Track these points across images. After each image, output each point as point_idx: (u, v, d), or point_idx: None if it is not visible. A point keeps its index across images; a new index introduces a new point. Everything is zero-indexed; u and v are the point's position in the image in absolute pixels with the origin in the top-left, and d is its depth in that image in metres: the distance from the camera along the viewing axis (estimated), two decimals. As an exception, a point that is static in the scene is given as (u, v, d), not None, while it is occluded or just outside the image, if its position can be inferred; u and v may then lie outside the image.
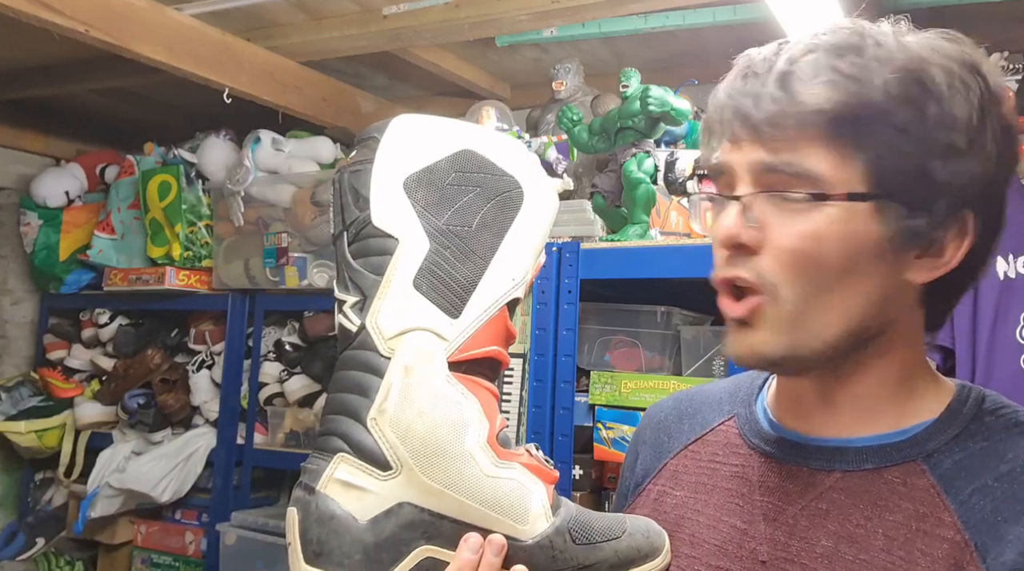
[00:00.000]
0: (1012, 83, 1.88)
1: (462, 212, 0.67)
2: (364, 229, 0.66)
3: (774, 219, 0.63)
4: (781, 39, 0.67)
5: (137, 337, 2.57)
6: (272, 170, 2.33)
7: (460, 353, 0.65)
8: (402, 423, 0.62)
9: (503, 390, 1.74)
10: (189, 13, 1.92)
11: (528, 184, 0.70)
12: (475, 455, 0.63)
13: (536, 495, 0.65)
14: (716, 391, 0.84)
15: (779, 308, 0.63)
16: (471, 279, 0.66)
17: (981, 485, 0.61)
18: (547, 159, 1.80)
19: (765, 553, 0.68)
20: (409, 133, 0.69)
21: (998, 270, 1.83)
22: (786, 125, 0.61)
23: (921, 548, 0.61)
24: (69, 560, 2.57)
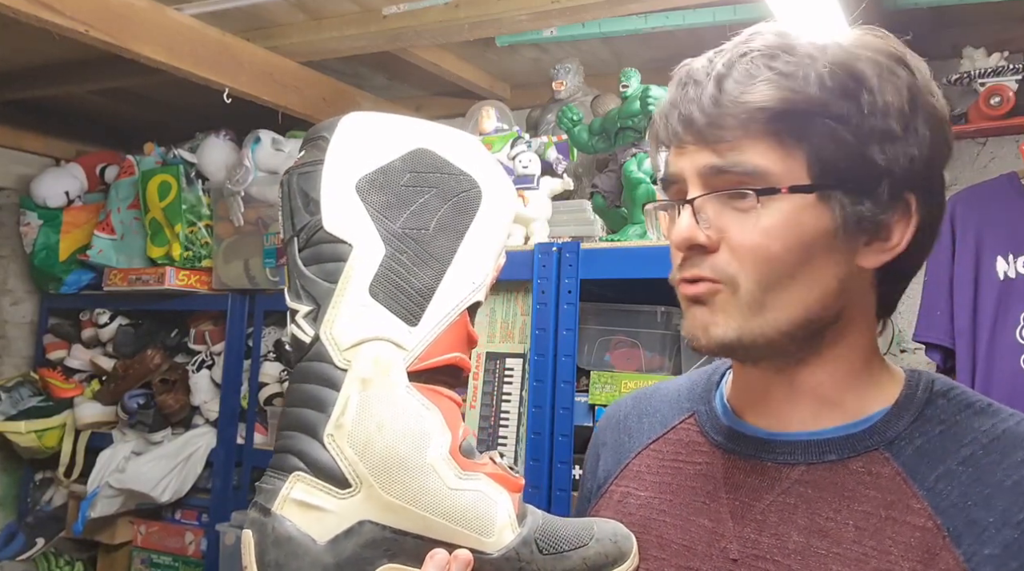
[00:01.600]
0: (1012, 83, 1.88)
1: (418, 214, 0.64)
2: (315, 234, 0.63)
3: (726, 218, 0.65)
4: (716, 47, 0.69)
5: (137, 337, 2.57)
6: (272, 170, 2.32)
7: (420, 362, 0.62)
8: (360, 438, 0.60)
9: (503, 390, 1.74)
10: (189, 13, 1.92)
11: (486, 182, 0.66)
12: (438, 468, 0.61)
13: (501, 506, 0.63)
14: (674, 388, 0.84)
15: (737, 298, 0.65)
16: (429, 285, 0.63)
17: (945, 470, 0.63)
18: (547, 159, 1.80)
19: (736, 551, 0.68)
20: (360, 132, 0.65)
21: (998, 270, 1.83)
22: (728, 125, 0.63)
23: (892, 536, 0.62)
24: (69, 560, 2.57)
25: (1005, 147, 2.01)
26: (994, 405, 0.67)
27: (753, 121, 0.63)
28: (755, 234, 0.64)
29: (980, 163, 2.03)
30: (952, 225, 1.89)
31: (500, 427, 1.72)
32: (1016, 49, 1.96)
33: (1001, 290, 1.81)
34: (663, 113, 0.68)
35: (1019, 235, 1.82)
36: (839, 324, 0.68)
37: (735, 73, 0.64)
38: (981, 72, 1.90)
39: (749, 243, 0.64)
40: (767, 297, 0.64)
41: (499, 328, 1.79)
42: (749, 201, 0.64)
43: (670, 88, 0.69)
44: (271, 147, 2.33)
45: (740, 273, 0.64)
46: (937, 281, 1.89)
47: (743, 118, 0.63)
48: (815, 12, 1.45)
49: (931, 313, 1.88)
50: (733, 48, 0.67)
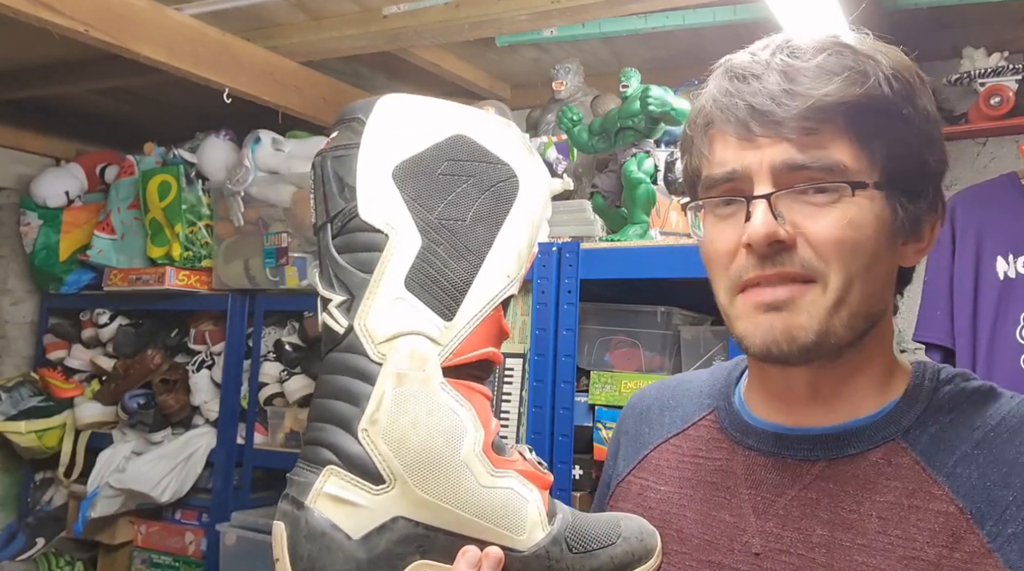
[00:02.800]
0: (1012, 83, 1.88)
1: (455, 204, 0.62)
2: (350, 222, 0.61)
3: (800, 214, 0.64)
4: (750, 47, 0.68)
5: (137, 337, 2.57)
6: (272, 170, 2.32)
7: (455, 357, 0.61)
8: (395, 434, 0.59)
9: (503, 390, 1.74)
10: (189, 13, 1.92)
11: (523, 172, 0.65)
12: (471, 465, 0.60)
13: (532, 503, 0.63)
14: (696, 383, 0.84)
15: (826, 295, 0.64)
16: (465, 278, 0.62)
17: (962, 455, 0.64)
18: (547, 159, 1.80)
19: (758, 545, 0.68)
20: (397, 115, 0.63)
21: (998, 270, 1.83)
22: (812, 118, 0.63)
23: (916, 524, 0.62)
24: (69, 560, 2.57)
25: (1005, 147, 2.01)
26: (995, 387, 0.68)
27: (832, 115, 0.63)
28: (840, 228, 0.63)
29: (980, 163, 2.03)
30: (952, 225, 1.89)
31: (500, 427, 1.72)
32: (1016, 49, 1.96)
33: (1001, 290, 1.81)
34: (721, 105, 0.66)
35: (1019, 235, 1.82)
36: (881, 321, 0.69)
37: (807, 68, 0.63)
38: (981, 72, 1.90)
39: (835, 236, 0.63)
40: (848, 293, 0.64)
41: (499, 328, 1.79)
42: (830, 195, 0.63)
43: (721, 81, 0.67)
44: (271, 147, 2.33)
45: (828, 268, 0.64)
46: (937, 281, 1.89)
47: (822, 111, 0.62)
48: (815, 12, 1.45)
49: (931, 313, 1.88)
50: (783, 45, 0.66)
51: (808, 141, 0.63)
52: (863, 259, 0.64)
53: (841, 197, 0.63)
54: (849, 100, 0.63)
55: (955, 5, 1.76)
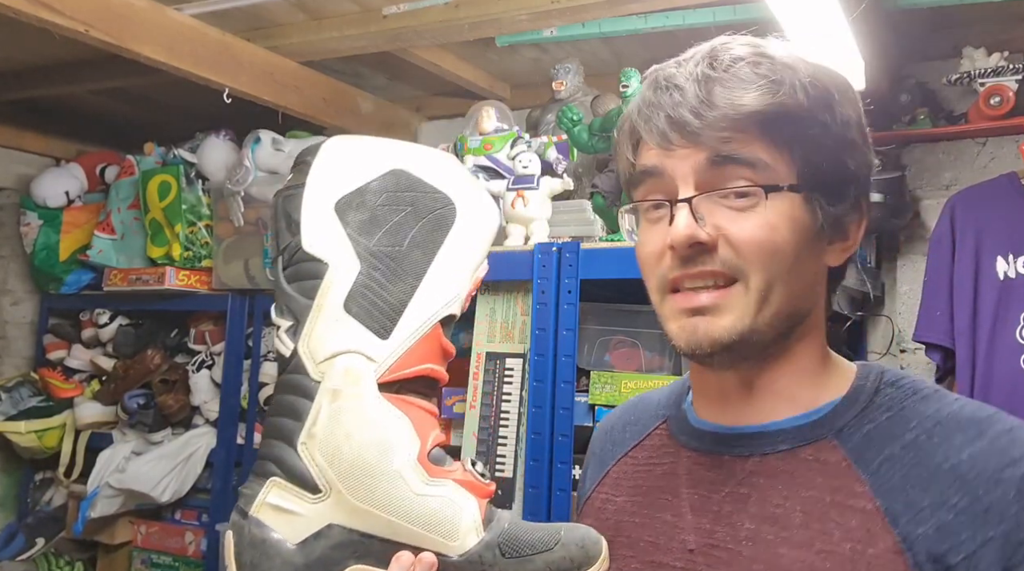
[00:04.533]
0: (1012, 83, 1.88)
1: (393, 232, 0.67)
2: (296, 254, 0.67)
3: (721, 216, 0.67)
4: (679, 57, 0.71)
5: (137, 337, 2.57)
6: (272, 170, 2.32)
7: (391, 373, 0.65)
8: (330, 446, 0.63)
9: (503, 390, 1.74)
10: (189, 13, 1.92)
11: (461, 200, 0.69)
12: (404, 474, 0.64)
13: (467, 511, 0.66)
14: (656, 397, 0.87)
15: (748, 294, 0.67)
16: (402, 299, 0.66)
17: (889, 454, 0.65)
18: (547, 159, 1.80)
19: (693, 542, 0.71)
20: (340, 155, 0.69)
21: (998, 270, 1.83)
22: (723, 127, 0.65)
23: (836, 520, 0.64)
24: (69, 560, 2.57)
25: (1005, 147, 2.01)
26: (941, 391, 0.69)
27: (748, 123, 0.66)
28: (759, 229, 0.66)
29: (980, 163, 2.03)
30: (952, 225, 1.89)
31: (500, 427, 1.72)
32: (1016, 49, 1.96)
33: (1001, 290, 1.81)
34: (644, 116, 0.69)
35: (1019, 235, 1.82)
36: (807, 320, 0.71)
37: (724, 78, 0.66)
38: (981, 72, 1.90)
39: (755, 238, 0.66)
40: (771, 292, 0.67)
41: (499, 328, 1.79)
42: (749, 199, 0.66)
43: (645, 91, 0.71)
44: (271, 147, 2.33)
45: (751, 269, 0.66)
46: (937, 281, 1.89)
47: (738, 120, 0.65)
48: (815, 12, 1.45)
49: (931, 313, 1.88)
50: (706, 55, 0.69)
51: (724, 145, 0.66)
52: (783, 260, 0.67)
53: (759, 201, 0.66)
54: (762, 109, 0.65)
55: (955, 5, 1.76)
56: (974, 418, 0.65)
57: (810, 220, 0.68)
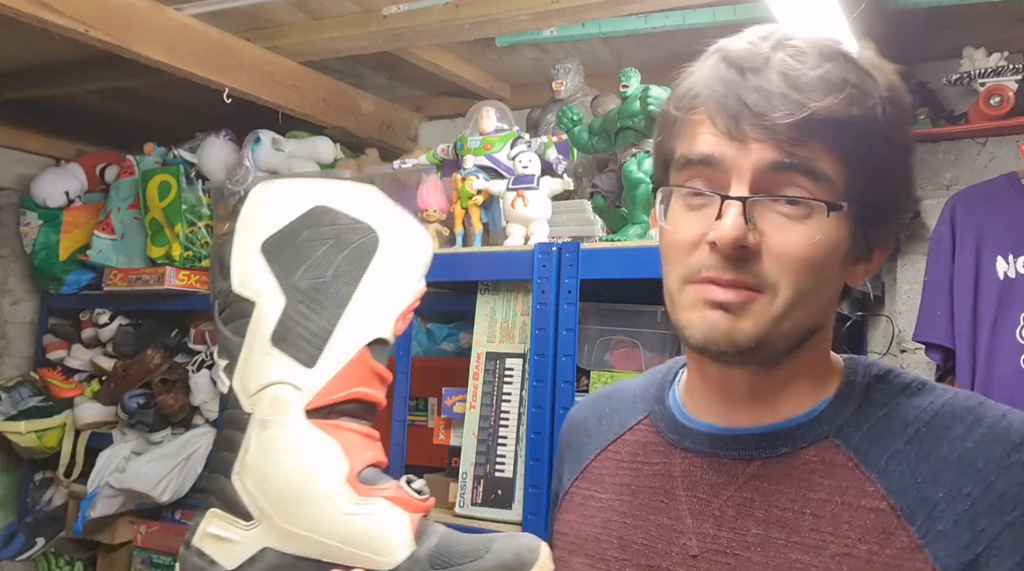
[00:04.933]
0: (1012, 83, 1.88)
1: (316, 265, 0.70)
2: (228, 297, 0.71)
3: (770, 222, 0.63)
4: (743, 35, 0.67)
5: (137, 337, 2.57)
6: (272, 170, 2.32)
7: (319, 400, 0.68)
8: (259, 475, 0.67)
9: (503, 390, 1.74)
10: (189, 13, 1.92)
11: (383, 229, 0.72)
12: (332, 496, 0.66)
13: (397, 527, 0.67)
14: (630, 389, 0.84)
15: (773, 307, 0.64)
16: (326, 328, 0.69)
17: (894, 452, 0.64)
18: (547, 159, 1.80)
19: (695, 547, 0.69)
20: (265, 200, 0.73)
21: (998, 270, 1.83)
22: (805, 129, 0.61)
23: (848, 521, 0.63)
24: (69, 560, 2.57)
25: (1005, 147, 2.01)
26: (928, 383, 0.69)
27: (826, 130, 0.61)
28: (804, 245, 0.63)
29: (980, 163, 2.03)
30: (952, 225, 1.89)
31: (500, 427, 1.72)
32: (1016, 49, 1.96)
33: (1001, 290, 1.81)
34: (715, 93, 0.64)
35: (1019, 235, 1.82)
36: (821, 332, 0.70)
37: (809, 75, 0.61)
38: (981, 72, 1.90)
39: (798, 253, 0.63)
40: (795, 308, 0.64)
41: (499, 328, 1.79)
42: (801, 209, 0.63)
43: (713, 66, 0.65)
44: (271, 147, 2.33)
45: (782, 281, 0.63)
46: (937, 281, 1.88)
47: (819, 124, 0.61)
48: (815, 12, 1.45)
49: (931, 313, 1.88)
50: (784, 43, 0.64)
51: (794, 149, 0.62)
52: (817, 278, 0.64)
53: (813, 213, 0.63)
54: (844, 118, 0.61)
55: (955, 5, 1.76)
56: (967, 406, 0.65)
57: (849, 242, 0.65)
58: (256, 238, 0.71)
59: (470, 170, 1.83)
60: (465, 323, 2.24)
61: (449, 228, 1.86)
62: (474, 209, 1.80)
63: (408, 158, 2.07)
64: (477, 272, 1.79)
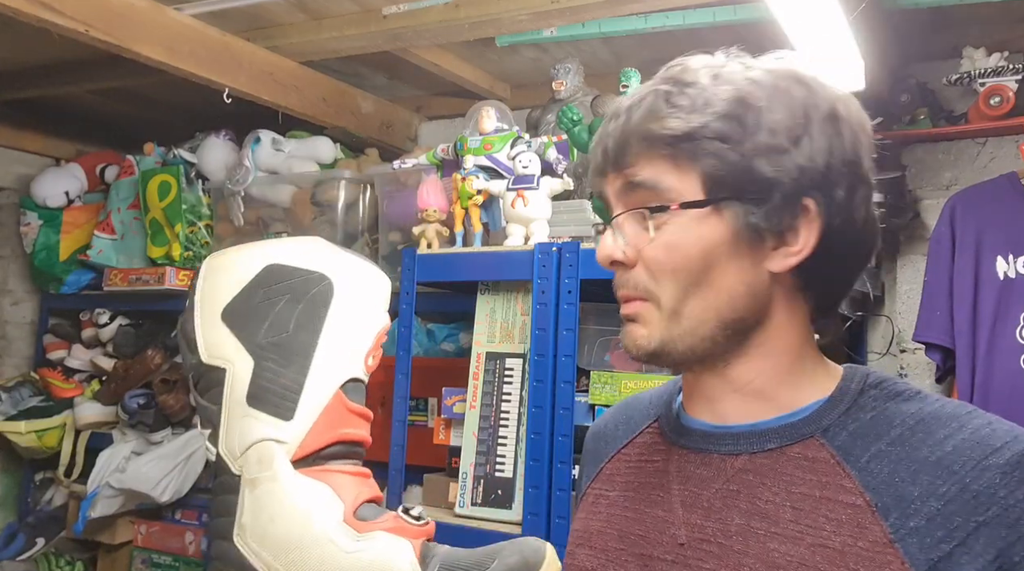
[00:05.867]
0: (1012, 83, 1.88)
1: (276, 322, 0.72)
2: (199, 368, 0.73)
3: (639, 237, 0.72)
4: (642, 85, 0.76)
5: (137, 337, 2.57)
6: (272, 170, 2.33)
7: (303, 449, 0.70)
8: (258, 532, 0.69)
9: (503, 390, 1.74)
10: (189, 13, 1.92)
11: (336, 274, 0.74)
12: (332, 537, 0.68)
13: (402, 555, 0.70)
14: (647, 397, 0.91)
15: (661, 311, 0.72)
16: (297, 380, 0.71)
17: (877, 451, 0.68)
18: (547, 159, 1.80)
19: (683, 536, 0.74)
20: (217, 270, 0.76)
21: (998, 270, 1.83)
22: (632, 151, 0.71)
23: (826, 514, 0.67)
24: (69, 560, 2.57)
25: (1005, 147, 2.01)
26: (922, 392, 0.72)
27: (651, 146, 0.70)
28: (660, 249, 0.71)
29: (980, 163, 2.03)
30: (952, 225, 1.89)
31: (500, 427, 1.72)
32: (1016, 49, 1.96)
33: (1001, 290, 1.81)
34: (593, 144, 0.77)
35: (1019, 235, 1.82)
36: (763, 326, 0.73)
37: (640, 108, 0.72)
38: (981, 72, 1.90)
39: (656, 257, 0.71)
40: (682, 306, 0.71)
41: (499, 328, 1.79)
42: (656, 218, 0.71)
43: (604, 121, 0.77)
44: (271, 147, 2.33)
45: (656, 287, 0.71)
46: (937, 281, 1.89)
47: (643, 144, 0.71)
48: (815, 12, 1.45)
49: (931, 313, 1.88)
50: (648, 84, 0.74)
51: (634, 170, 0.72)
52: (691, 275, 0.70)
53: (669, 220, 0.70)
54: (666, 133, 0.69)
55: (955, 5, 1.76)
56: (954, 414, 0.68)
57: (721, 231, 0.70)
58: (215, 308, 0.74)
59: (470, 170, 1.83)
60: (465, 323, 2.24)
61: (449, 228, 1.86)
62: (474, 209, 1.80)
63: (408, 158, 2.08)
64: (477, 272, 1.79)
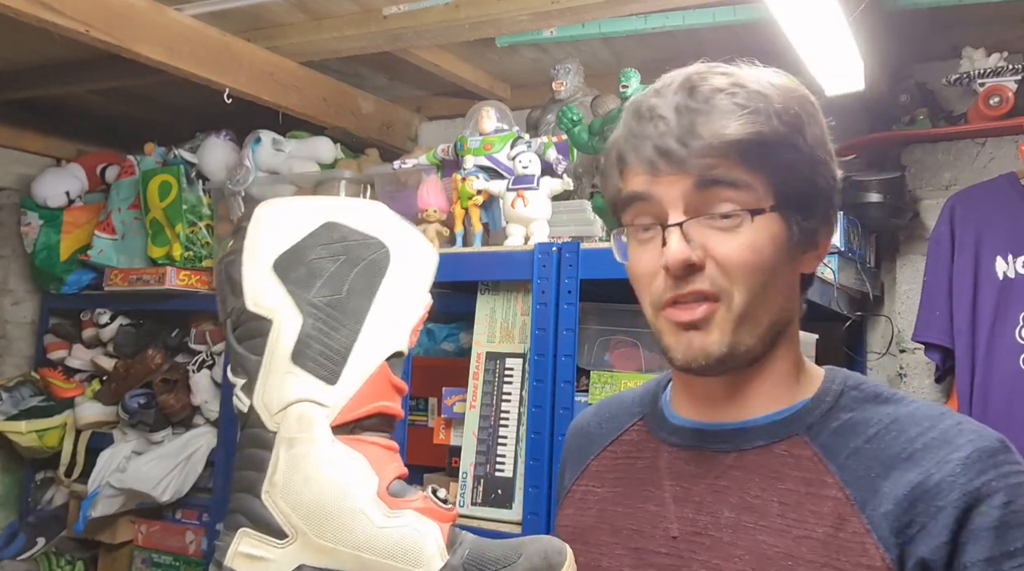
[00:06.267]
0: (1011, 83, 1.89)
1: (331, 282, 0.71)
2: (242, 315, 0.71)
3: (709, 238, 0.72)
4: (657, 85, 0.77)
5: (138, 337, 2.57)
6: (272, 170, 2.33)
7: (343, 416, 0.69)
8: (291, 493, 0.67)
9: (503, 390, 1.74)
10: (189, 13, 1.92)
11: (394, 244, 0.74)
12: (365, 509, 0.67)
13: (430, 538, 0.69)
14: (629, 397, 0.94)
15: (731, 311, 0.73)
16: (346, 344, 0.70)
17: (855, 449, 0.72)
18: (547, 159, 1.80)
19: (676, 529, 0.77)
20: (273, 217, 0.74)
21: (997, 270, 1.83)
22: (710, 154, 0.71)
23: (810, 509, 0.71)
24: (70, 560, 2.57)
25: (1004, 147, 2.01)
26: (898, 394, 0.77)
27: (729, 151, 0.71)
28: (743, 249, 0.72)
29: (980, 163, 2.03)
30: (951, 225, 1.89)
31: (500, 427, 1.72)
32: (1016, 49, 1.96)
33: (1000, 290, 1.82)
34: (632, 144, 0.75)
35: (1019, 235, 1.82)
36: (788, 327, 0.78)
37: (704, 109, 0.72)
38: (981, 72, 1.90)
39: (738, 258, 0.72)
40: (753, 308, 0.73)
41: (499, 328, 1.79)
42: (733, 220, 0.72)
43: (629, 121, 0.76)
44: (271, 147, 2.33)
45: (732, 286, 0.72)
46: (936, 281, 1.89)
47: (720, 148, 0.71)
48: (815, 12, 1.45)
49: (930, 313, 1.88)
50: (685, 85, 0.74)
51: (708, 171, 0.72)
52: (763, 276, 0.73)
53: (743, 222, 0.72)
54: (742, 137, 0.71)
55: (955, 5, 1.76)
56: (928, 415, 0.73)
57: (787, 236, 0.74)
58: (266, 256, 0.71)
59: (470, 170, 1.83)
60: (465, 323, 2.24)
61: (449, 228, 1.86)
62: (474, 209, 1.80)
63: (408, 158, 2.08)
64: (477, 272, 1.79)
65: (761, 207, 0.72)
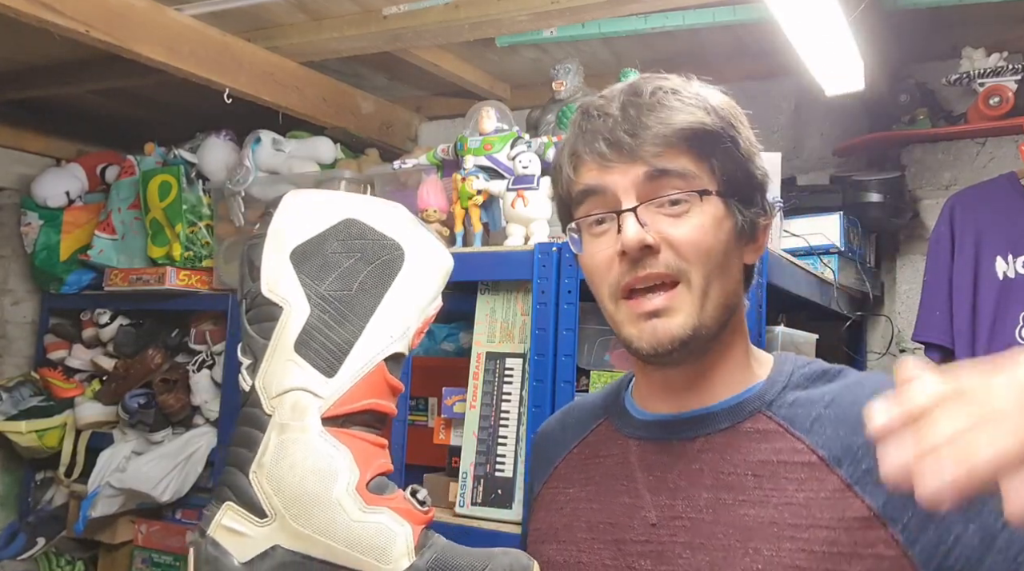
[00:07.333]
0: (1011, 83, 1.89)
1: (343, 278, 0.73)
2: (256, 298, 0.73)
3: (662, 222, 0.76)
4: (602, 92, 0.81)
5: (138, 337, 2.57)
6: (272, 170, 2.33)
7: (336, 409, 0.71)
8: (275, 476, 0.69)
9: (503, 390, 1.74)
10: (189, 13, 1.92)
11: (410, 247, 0.75)
12: (343, 502, 0.69)
13: (401, 537, 0.70)
14: (591, 401, 0.96)
15: (692, 293, 0.76)
16: (348, 340, 0.72)
17: (816, 416, 0.76)
18: (547, 159, 1.80)
19: (654, 516, 0.79)
20: (298, 207, 0.75)
21: (997, 270, 1.83)
22: (657, 143, 0.75)
23: (786, 475, 0.74)
24: (70, 560, 2.57)
25: (1004, 147, 2.01)
26: (845, 369, 0.81)
27: (676, 140, 0.76)
28: (694, 230, 0.76)
29: (980, 163, 2.03)
30: (951, 225, 1.89)
31: (500, 427, 1.72)
32: (1016, 49, 1.96)
33: (1000, 290, 1.82)
34: (584, 140, 0.79)
35: (1018, 235, 1.82)
36: (736, 314, 0.81)
37: (650, 104, 0.77)
38: (981, 72, 1.90)
39: (691, 238, 0.76)
40: (710, 288, 0.76)
41: (499, 328, 1.79)
42: (682, 205, 0.76)
43: (580, 121, 0.80)
44: (271, 147, 2.33)
45: (690, 266, 0.76)
46: (936, 281, 1.89)
47: (667, 138, 0.75)
48: (815, 12, 1.45)
49: (930, 313, 1.88)
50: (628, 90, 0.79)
51: (658, 160, 0.76)
52: (716, 257, 0.76)
53: (691, 206, 0.76)
54: (687, 127, 0.76)
55: (955, 5, 1.76)
56: (877, 378, 0.79)
57: (732, 222, 0.78)
58: (287, 244, 0.73)
59: (470, 170, 1.84)
60: (465, 323, 2.24)
61: (449, 228, 1.86)
62: (474, 209, 1.80)
63: (408, 158, 2.08)
64: (477, 272, 1.79)
65: (707, 189, 0.76)
